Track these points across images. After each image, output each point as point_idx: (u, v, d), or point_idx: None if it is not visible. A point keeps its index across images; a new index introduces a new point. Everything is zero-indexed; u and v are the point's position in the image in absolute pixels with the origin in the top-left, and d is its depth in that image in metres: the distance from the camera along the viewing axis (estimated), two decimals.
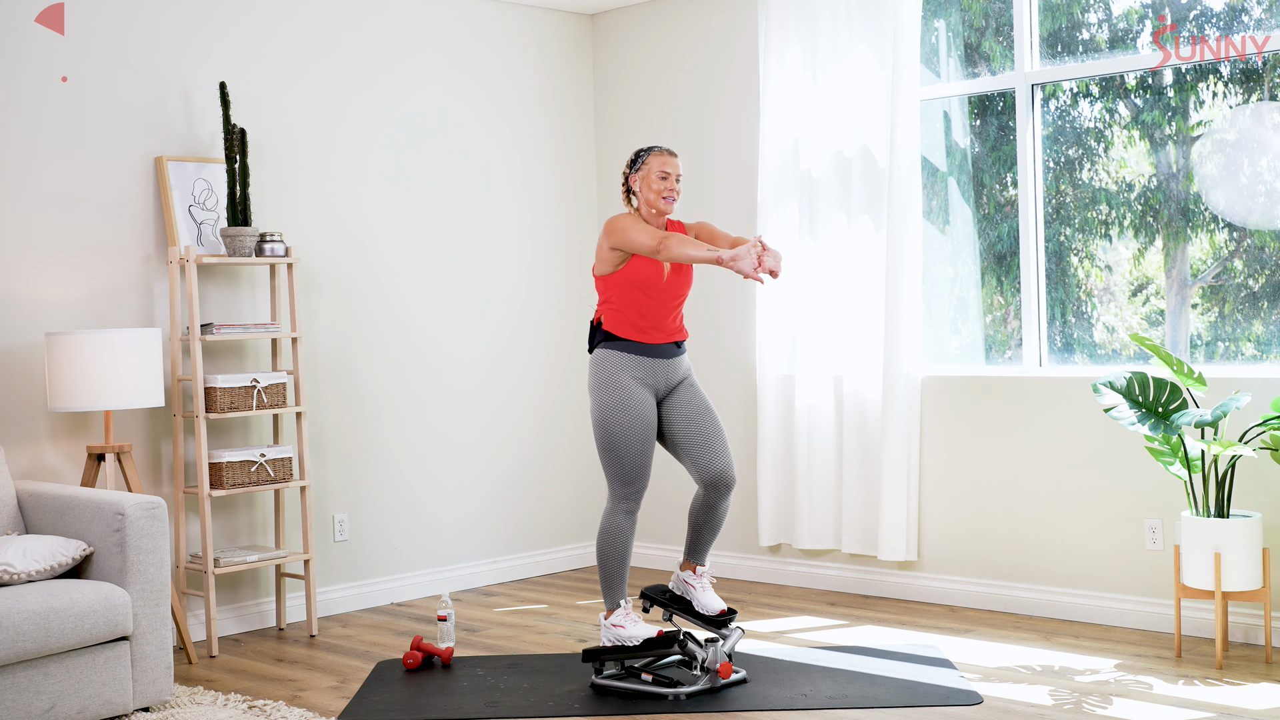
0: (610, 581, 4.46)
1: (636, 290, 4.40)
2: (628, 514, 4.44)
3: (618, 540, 4.43)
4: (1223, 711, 4.00)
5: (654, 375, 4.44)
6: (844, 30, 5.75)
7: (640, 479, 4.43)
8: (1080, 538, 5.20)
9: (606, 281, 4.45)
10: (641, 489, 4.45)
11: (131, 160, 5.18)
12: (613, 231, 4.38)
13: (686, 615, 4.59)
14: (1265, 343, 5.02)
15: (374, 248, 5.90)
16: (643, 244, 4.30)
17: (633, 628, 4.40)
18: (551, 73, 6.62)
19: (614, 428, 4.38)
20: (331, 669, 4.83)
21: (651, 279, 4.40)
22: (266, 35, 5.57)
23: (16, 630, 3.81)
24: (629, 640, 4.39)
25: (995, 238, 5.66)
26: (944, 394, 5.57)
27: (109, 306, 5.09)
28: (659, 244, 4.27)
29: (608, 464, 4.42)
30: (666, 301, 4.45)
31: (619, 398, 4.38)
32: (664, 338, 4.46)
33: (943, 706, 4.15)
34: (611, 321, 4.44)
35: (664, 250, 4.26)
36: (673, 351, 4.49)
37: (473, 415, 6.27)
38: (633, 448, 4.38)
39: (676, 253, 4.24)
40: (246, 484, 5.14)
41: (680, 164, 4.49)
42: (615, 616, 4.43)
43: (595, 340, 4.49)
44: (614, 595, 4.46)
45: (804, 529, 5.93)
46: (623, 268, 4.40)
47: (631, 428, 4.37)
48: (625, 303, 4.42)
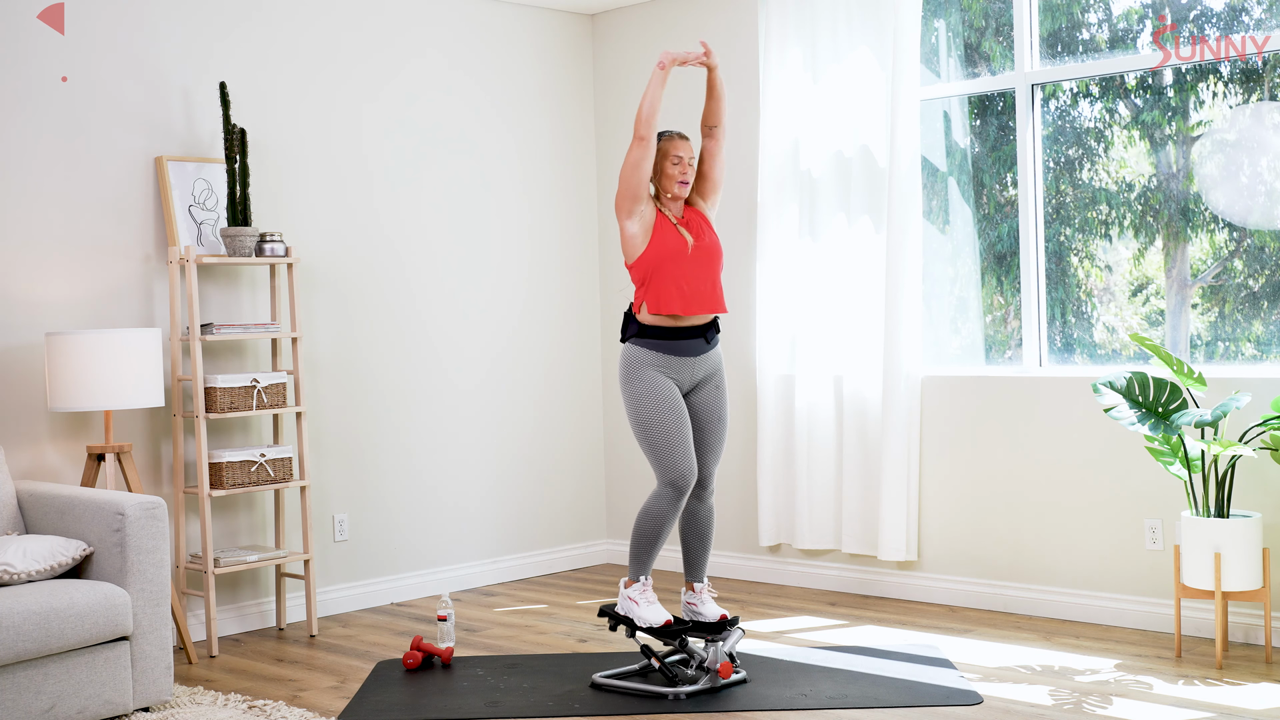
0: (639, 555, 4.48)
1: (668, 263, 4.40)
2: (673, 501, 4.42)
3: (657, 523, 4.43)
4: (1223, 711, 4.00)
5: (678, 371, 4.46)
6: (844, 30, 5.75)
7: (683, 463, 4.39)
8: (1080, 538, 5.20)
9: (638, 265, 4.45)
10: (685, 477, 4.40)
11: (131, 160, 5.18)
12: (618, 206, 4.44)
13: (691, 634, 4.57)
14: (1265, 343, 5.02)
15: (374, 247, 5.90)
16: (632, 157, 4.37)
17: (646, 608, 4.44)
18: (551, 73, 6.62)
19: (645, 414, 4.40)
20: (331, 669, 4.83)
21: (677, 250, 4.42)
22: (267, 35, 5.57)
23: (16, 630, 3.81)
24: (640, 619, 4.43)
25: (995, 238, 5.66)
26: (944, 394, 5.57)
27: (109, 306, 5.09)
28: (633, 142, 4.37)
29: (649, 453, 4.43)
30: (700, 270, 4.45)
31: (645, 386, 4.41)
32: (705, 308, 4.45)
33: (943, 706, 4.15)
34: (653, 301, 4.41)
35: (640, 128, 4.34)
36: (700, 348, 4.49)
37: (473, 415, 6.27)
38: (668, 430, 4.38)
39: (643, 115, 4.35)
40: (246, 484, 5.14)
41: (693, 146, 4.51)
42: (634, 590, 4.47)
43: (627, 332, 4.51)
44: (639, 568, 4.49)
45: (804, 529, 5.93)
46: (648, 247, 4.41)
47: (662, 412, 4.39)
48: (661, 278, 4.41)
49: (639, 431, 4.44)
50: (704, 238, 4.49)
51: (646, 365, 4.43)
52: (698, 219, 4.54)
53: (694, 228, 4.49)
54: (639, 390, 4.42)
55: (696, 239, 4.46)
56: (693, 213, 4.55)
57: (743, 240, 6.15)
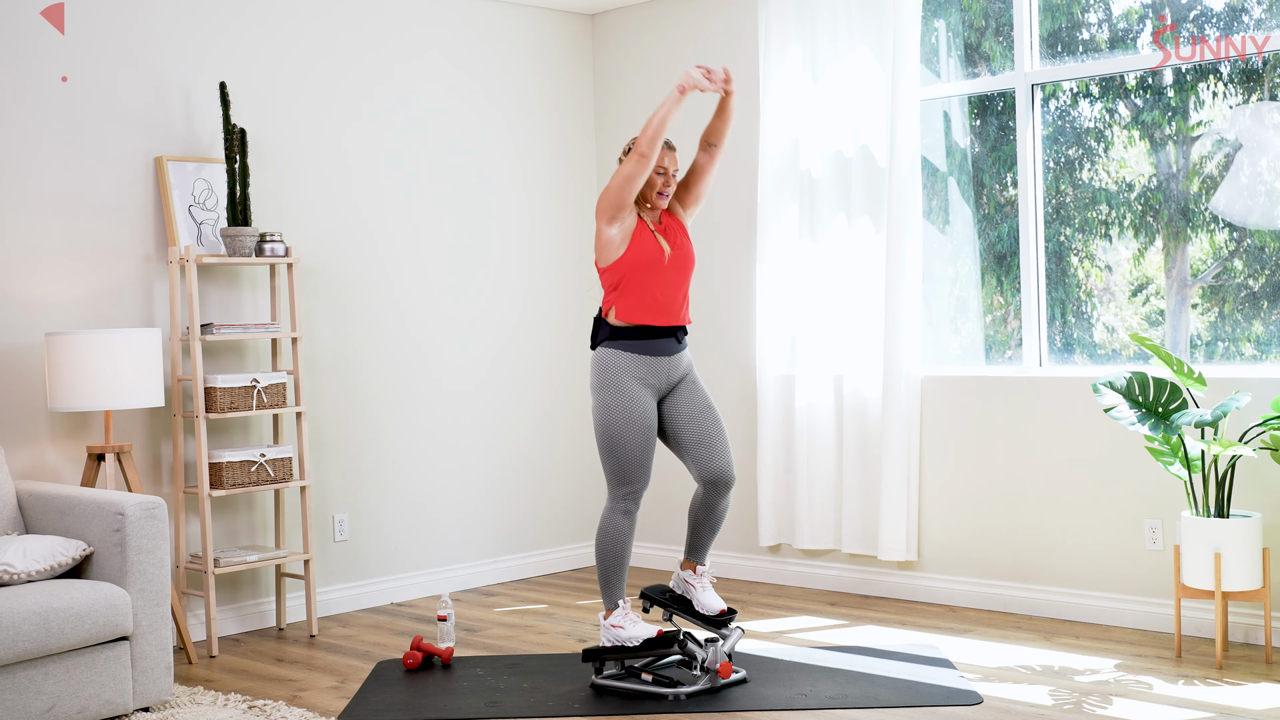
0: (609, 581, 4.45)
1: (643, 272, 4.39)
2: (626, 514, 4.43)
3: (616, 540, 4.43)
4: (1223, 711, 4.00)
5: (655, 374, 4.44)
6: (844, 30, 5.75)
7: (639, 479, 4.42)
8: (1080, 538, 5.20)
9: (612, 270, 4.42)
10: (640, 489, 4.44)
11: (131, 160, 5.18)
12: (600, 210, 4.38)
13: (686, 615, 4.59)
14: (1265, 343, 5.02)
15: (374, 247, 5.90)
16: (625, 171, 4.30)
17: (632, 628, 4.40)
18: (551, 73, 6.62)
19: (614, 428, 4.38)
20: (331, 669, 4.83)
21: (654, 260, 4.40)
22: (267, 35, 5.57)
23: (16, 630, 3.81)
24: (628, 641, 4.39)
25: (995, 238, 5.66)
26: (944, 394, 5.57)
27: (109, 306, 5.09)
28: (635, 155, 4.28)
29: (607, 463, 4.42)
30: (673, 279, 4.44)
31: (620, 399, 4.37)
32: (672, 319, 4.44)
33: (943, 706, 4.15)
34: (623, 308, 4.40)
35: (640, 148, 4.26)
36: (673, 348, 4.48)
37: (473, 415, 6.27)
38: (632, 448, 4.37)
39: (648, 135, 4.25)
40: (246, 484, 5.14)
41: (678, 158, 4.49)
42: (614, 617, 4.42)
43: (598, 337, 4.47)
44: (612, 595, 4.45)
45: (804, 529, 5.93)
46: (625, 252, 4.39)
47: (631, 429, 4.37)
48: (634, 286, 4.40)
49: (604, 442, 4.40)
50: (680, 247, 4.48)
51: (625, 374, 4.39)
52: (675, 226, 4.52)
53: (671, 235, 4.48)
54: (613, 402, 4.38)
55: (673, 248, 4.45)
56: (670, 219, 4.53)
57: (743, 240, 6.15)
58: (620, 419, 4.37)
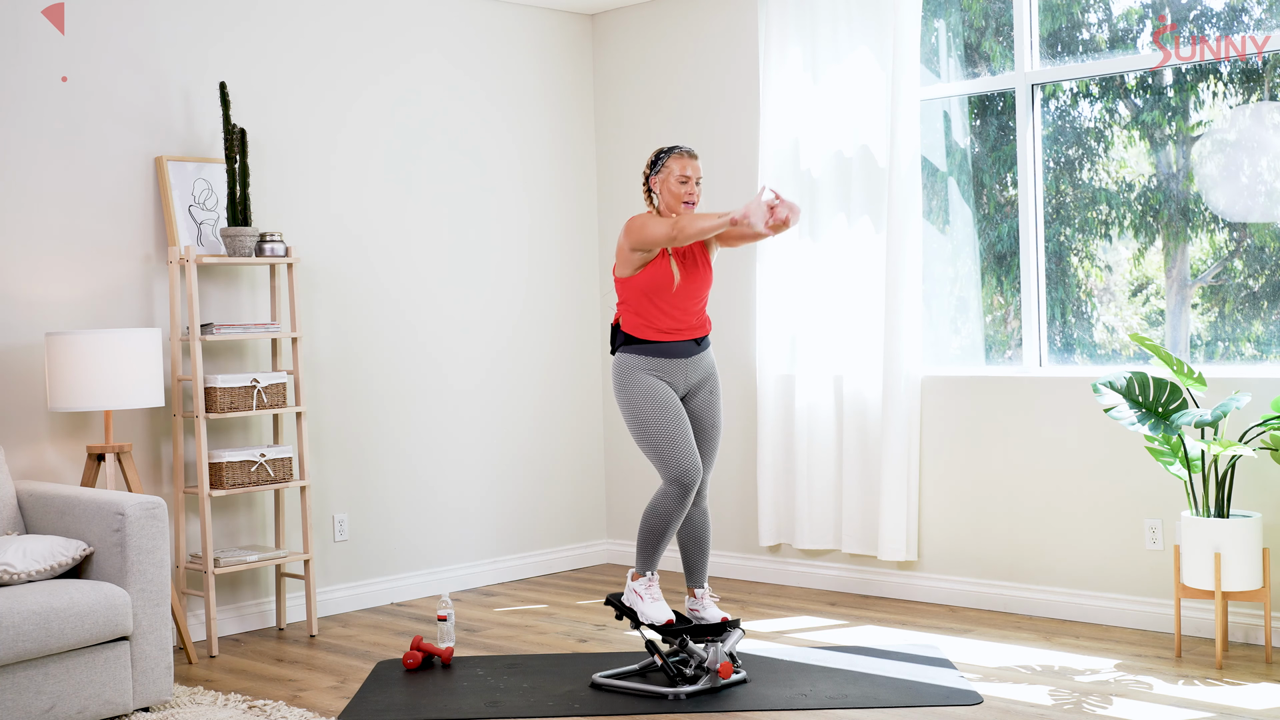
0: (646, 550, 4.49)
1: (650, 296, 4.45)
2: (679, 499, 4.41)
3: (663, 520, 4.44)
4: (1223, 711, 4.00)
5: (672, 374, 4.48)
6: (844, 30, 5.75)
7: (683, 460, 4.38)
8: (1080, 538, 5.20)
9: (624, 285, 4.49)
10: (688, 475, 4.38)
11: (131, 160, 5.18)
12: (631, 231, 4.41)
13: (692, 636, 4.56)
14: (1265, 343, 5.02)
15: (374, 248, 5.90)
16: (659, 235, 4.35)
17: (650, 605, 4.44)
18: (551, 73, 6.62)
19: (642, 415, 4.41)
20: (331, 669, 4.83)
21: (662, 287, 4.44)
22: (267, 35, 5.57)
23: (16, 630, 3.81)
24: (643, 616, 4.44)
25: (995, 238, 5.66)
26: (944, 394, 5.57)
27: (109, 306, 5.09)
28: (674, 230, 4.32)
29: (650, 453, 4.43)
30: (680, 304, 4.48)
31: (641, 389, 4.42)
32: (686, 335, 4.49)
33: (943, 706, 4.15)
34: (629, 324, 4.49)
35: (679, 234, 4.31)
36: (692, 350, 4.51)
37: (473, 415, 6.27)
38: (667, 429, 4.39)
39: (691, 231, 4.30)
40: (246, 484, 5.14)
41: (700, 165, 4.51)
42: (640, 584, 4.48)
43: (616, 343, 4.54)
44: (646, 563, 4.50)
45: (804, 529, 5.93)
46: (637, 275, 4.44)
47: (658, 410, 4.40)
48: (639, 307, 4.47)
49: (639, 434, 4.44)
50: (692, 277, 4.47)
51: (643, 371, 4.45)
52: (696, 249, 4.52)
53: (688, 261, 4.49)
54: (635, 395, 4.43)
55: (685, 277, 4.46)
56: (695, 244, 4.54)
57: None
58: (646, 406, 4.41)
